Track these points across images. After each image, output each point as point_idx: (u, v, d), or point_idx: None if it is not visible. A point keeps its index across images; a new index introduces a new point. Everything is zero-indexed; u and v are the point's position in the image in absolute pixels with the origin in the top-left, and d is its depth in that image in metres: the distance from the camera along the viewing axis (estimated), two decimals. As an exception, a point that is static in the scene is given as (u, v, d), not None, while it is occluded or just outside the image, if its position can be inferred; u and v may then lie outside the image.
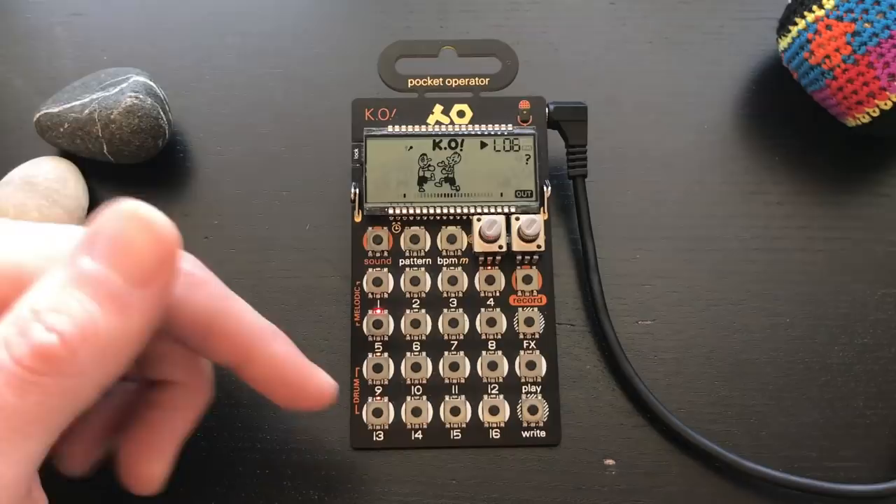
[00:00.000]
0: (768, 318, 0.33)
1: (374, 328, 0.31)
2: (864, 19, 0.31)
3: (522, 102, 0.33)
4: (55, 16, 0.38)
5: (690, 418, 0.31)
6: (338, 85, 0.37)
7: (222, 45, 0.38)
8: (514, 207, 0.32)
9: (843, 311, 0.33)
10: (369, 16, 0.39)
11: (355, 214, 0.32)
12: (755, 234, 0.34)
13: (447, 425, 0.31)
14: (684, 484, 0.30)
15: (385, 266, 0.32)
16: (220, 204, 0.35)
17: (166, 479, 0.26)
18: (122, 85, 0.33)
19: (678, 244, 0.34)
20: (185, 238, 0.34)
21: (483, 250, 0.31)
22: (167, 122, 0.34)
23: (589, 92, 0.36)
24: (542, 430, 0.31)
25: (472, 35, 0.38)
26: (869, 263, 0.34)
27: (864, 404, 0.32)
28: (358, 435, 0.31)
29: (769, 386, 0.32)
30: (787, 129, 0.36)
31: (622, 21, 0.39)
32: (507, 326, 0.32)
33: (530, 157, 0.32)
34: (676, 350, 0.32)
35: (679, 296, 0.33)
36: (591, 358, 0.32)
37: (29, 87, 0.37)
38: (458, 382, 0.31)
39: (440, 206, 0.32)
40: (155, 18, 0.38)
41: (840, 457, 0.31)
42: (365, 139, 0.32)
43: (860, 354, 0.32)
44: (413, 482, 0.30)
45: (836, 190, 0.35)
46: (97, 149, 0.33)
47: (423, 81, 0.33)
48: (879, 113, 0.32)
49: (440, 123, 0.33)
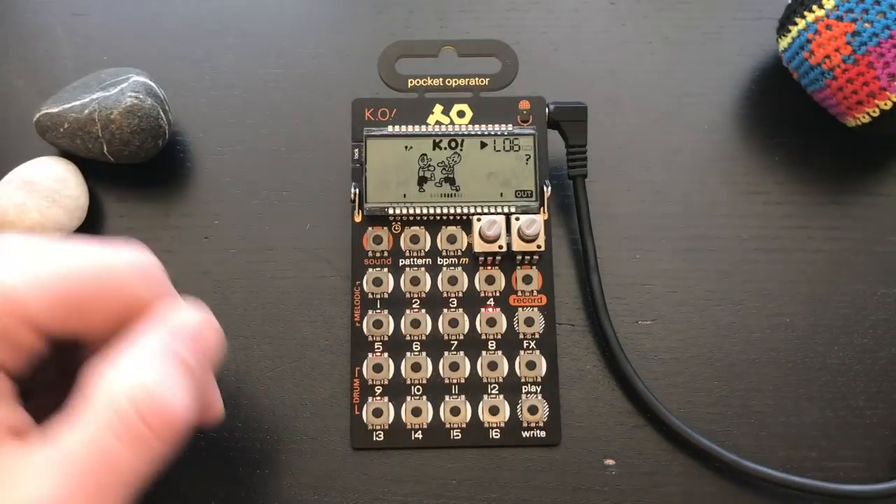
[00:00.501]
0: (768, 318, 0.33)
1: (374, 328, 0.31)
2: (864, 19, 0.31)
3: (522, 102, 0.33)
4: (55, 16, 0.38)
5: (690, 418, 0.31)
6: (338, 85, 0.37)
7: (222, 45, 0.38)
8: (514, 207, 0.32)
9: (843, 311, 0.33)
10: (369, 16, 0.39)
11: (355, 214, 0.32)
12: (755, 234, 0.34)
13: (447, 425, 0.31)
14: (684, 484, 0.30)
15: (385, 266, 0.32)
16: (220, 204, 0.35)
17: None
18: (122, 85, 0.33)
19: (678, 244, 0.34)
20: (185, 238, 0.34)
21: (483, 250, 0.31)
22: (167, 122, 0.34)
23: (589, 92, 0.37)
24: (542, 430, 0.31)
25: (472, 35, 0.38)
26: (869, 263, 0.34)
27: (864, 404, 0.32)
28: (358, 435, 0.31)
29: (769, 386, 0.32)
30: (787, 129, 0.36)
31: (622, 21, 0.39)
32: (507, 326, 0.32)
33: (530, 157, 0.32)
34: (676, 350, 0.32)
35: (679, 296, 0.33)
36: (591, 358, 0.32)
37: (29, 87, 0.37)
38: (458, 382, 0.31)
39: (440, 206, 0.32)
40: (155, 18, 0.38)
41: (840, 457, 0.31)
42: (365, 139, 0.32)
43: (860, 354, 0.32)
44: (413, 482, 0.30)
45: (836, 190, 0.35)
46: (97, 149, 0.33)
47: (423, 81, 0.33)
48: (879, 113, 0.32)
49: (440, 123, 0.33)
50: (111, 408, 0.20)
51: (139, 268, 0.23)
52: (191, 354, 0.23)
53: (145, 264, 0.24)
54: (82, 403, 0.21)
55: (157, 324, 0.23)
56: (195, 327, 0.24)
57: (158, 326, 0.23)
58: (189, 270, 0.33)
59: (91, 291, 0.22)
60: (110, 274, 0.22)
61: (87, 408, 0.20)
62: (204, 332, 0.24)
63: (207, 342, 0.24)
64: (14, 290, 0.20)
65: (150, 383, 0.21)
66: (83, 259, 0.22)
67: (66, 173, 0.33)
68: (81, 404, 0.21)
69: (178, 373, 0.22)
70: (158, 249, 0.33)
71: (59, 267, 0.22)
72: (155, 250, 0.33)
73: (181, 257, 0.34)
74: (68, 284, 0.21)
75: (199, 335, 0.23)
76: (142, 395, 0.20)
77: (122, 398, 0.20)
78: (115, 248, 0.23)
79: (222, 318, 0.32)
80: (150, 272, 0.24)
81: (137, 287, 0.23)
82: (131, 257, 0.23)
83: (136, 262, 0.23)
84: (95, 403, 0.20)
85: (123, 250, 0.23)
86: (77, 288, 0.22)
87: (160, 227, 0.34)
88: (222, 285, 0.33)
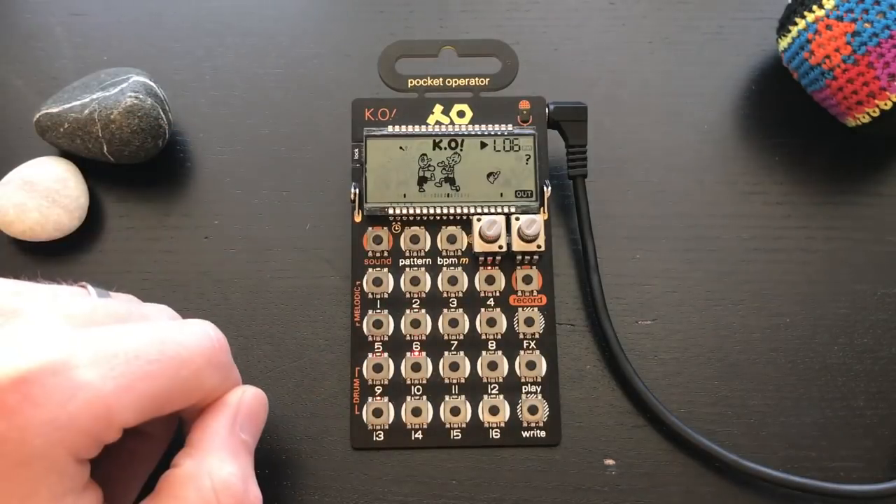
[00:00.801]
0: (768, 318, 0.33)
1: (374, 328, 0.31)
2: (864, 19, 0.31)
3: (522, 102, 0.33)
4: (55, 16, 0.38)
5: (690, 418, 0.31)
6: (338, 85, 0.37)
7: (222, 45, 0.38)
8: (514, 207, 0.32)
9: (843, 311, 0.33)
10: (369, 16, 0.39)
11: (355, 214, 0.32)
12: (755, 234, 0.34)
13: (447, 425, 0.31)
14: (684, 484, 0.30)
15: (385, 266, 0.32)
16: (220, 204, 0.35)
17: None
18: (122, 85, 0.33)
19: (678, 244, 0.34)
20: (185, 238, 0.34)
21: (483, 250, 0.31)
22: (167, 122, 0.34)
23: (589, 92, 0.37)
24: (542, 430, 0.31)
25: (472, 35, 0.38)
26: (869, 263, 0.34)
27: (864, 404, 0.32)
28: (358, 435, 0.31)
29: (769, 386, 0.32)
30: (787, 129, 0.36)
31: (622, 21, 0.39)
32: (507, 326, 0.32)
33: (530, 157, 0.32)
34: (676, 350, 0.32)
35: (679, 296, 0.33)
36: (591, 358, 0.32)
37: (29, 87, 0.37)
38: (458, 382, 0.31)
39: (440, 206, 0.32)
40: (155, 18, 0.38)
41: (840, 457, 0.31)
42: (365, 139, 0.32)
43: (860, 354, 0.32)
44: (413, 482, 0.30)
45: (836, 190, 0.35)
46: (97, 149, 0.33)
47: (423, 81, 0.33)
48: (879, 113, 0.32)
49: (440, 123, 0.33)
50: (200, 498, 0.23)
51: (214, 359, 0.24)
52: (249, 435, 0.25)
53: (217, 351, 0.25)
54: (169, 491, 0.23)
55: (224, 409, 0.25)
56: (251, 406, 0.26)
57: (225, 412, 0.25)
58: (189, 270, 0.33)
59: (174, 393, 0.23)
60: (190, 372, 0.23)
61: (175, 499, 0.23)
62: (259, 410, 0.26)
63: (260, 417, 0.26)
64: (107, 400, 0.21)
65: (232, 478, 0.23)
66: (168, 356, 0.23)
67: (66, 173, 0.33)
68: (169, 492, 0.23)
69: (248, 461, 0.25)
70: (158, 249, 0.34)
71: (148, 370, 0.22)
72: (155, 250, 0.34)
73: (181, 257, 0.34)
74: (155, 391, 0.22)
75: (255, 414, 0.26)
76: (223, 487, 0.23)
77: (210, 492, 0.23)
78: (192, 333, 0.24)
79: (222, 318, 0.32)
80: (221, 359, 0.25)
81: (212, 380, 0.25)
82: (207, 347, 0.24)
83: (211, 353, 0.24)
84: (185, 494, 0.23)
85: (200, 336, 0.24)
86: (163, 393, 0.23)
87: (160, 227, 0.34)
88: (222, 285, 0.33)
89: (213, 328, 0.25)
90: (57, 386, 0.20)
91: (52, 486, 0.20)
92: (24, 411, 0.20)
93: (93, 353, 0.21)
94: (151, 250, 0.34)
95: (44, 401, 0.20)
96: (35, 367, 0.20)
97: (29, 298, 0.23)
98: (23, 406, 0.20)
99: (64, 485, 0.21)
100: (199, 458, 0.24)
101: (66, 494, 0.21)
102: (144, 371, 0.22)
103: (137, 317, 0.25)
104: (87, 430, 0.21)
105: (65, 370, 0.20)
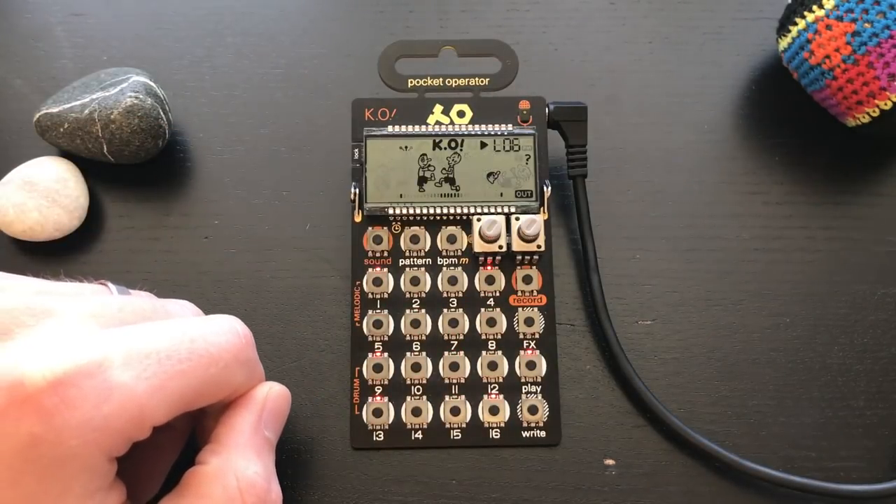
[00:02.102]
0: (768, 318, 0.33)
1: (374, 328, 0.31)
2: (864, 19, 0.31)
3: (522, 102, 0.33)
4: (55, 16, 0.38)
5: (690, 418, 0.31)
6: (338, 85, 0.37)
7: (222, 45, 0.38)
8: (514, 207, 0.32)
9: (843, 311, 0.33)
10: (369, 16, 0.39)
11: (355, 214, 0.32)
12: (755, 234, 0.34)
13: (447, 425, 0.31)
14: (684, 484, 0.30)
15: (385, 266, 0.32)
16: (220, 204, 0.35)
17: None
18: (122, 85, 0.33)
19: (678, 244, 0.34)
20: (185, 238, 0.34)
21: (483, 250, 0.31)
22: (167, 122, 0.34)
23: (589, 92, 0.37)
24: (542, 430, 0.31)
25: (472, 35, 0.38)
26: (869, 263, 0.34)
27: (864, 404, 0.32)
28: (358, 435, 0.31)
29: (769, 386, 0.32)
30: (787, 129, 0.36)
31: (622, 21, 0.39)
32: (507, 326, 0.32)
33: (530, 157, 0.32)
34: (676, 350, 0.32)
35: (679, 296, 0.33)
36: (591, 358, 0.32)
37: (29, 87, 0.37)
38: (458, 382, 0.31)
39: (440, 206, 0.32)
40: (155, 18, 0.38)
41: (840, 457, 0.31)
42: (365, 139, 0.32)
43: (860, 354, 0.32)
44: (413, 482, 0.30)
45: (836, 190, 0.35)
46: (97, 149, 0.33)
47: (423, 81, 0.33)
48: (879, 113, 0.32)
49: (440, 123, 0.33)
50: (225, 496, 0.23)
51: (241, 356, 0.25)
52: (273, 432, 0.26)
53: (244, 347, 0.25)
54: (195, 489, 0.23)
55: (250, 406, 0.25)
56: (276, 403, 0.26)
57: (251, 409, 0.25)
58: (189, 270, 0.33)
59: (204, 391, 0.24)
60: (219, 369, 0.24)
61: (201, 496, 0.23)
62: (283, 407, 0.27)
63: (284, 415, 0.27)
64: (140, 400, 0.21)
65: (258, 477, 0.24)
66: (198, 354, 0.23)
67: (66, 173, 0.33)
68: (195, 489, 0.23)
69: (271, 459, 0.25)
70: (158, 249, 0.34)
71: (179, 369, 0.22)
72: (155, 250, 0.34)
73: (181, 257, 0.34)
74: (185, 390, 0.22)
75: (279, 411, 0.26)
76: (248, 486, 0.23)
77: (235, 491, 0.23)
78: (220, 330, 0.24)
79: (222, 318, 0.32)
80: (248, 355, 0.25)
81: (240, 376, 0.25)
82: (235, 343, 0.24)
83: (239, 349, 0.24)
84: (210, 492, 0.23)
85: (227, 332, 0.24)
86: (193, 391, 0.23)
87: (160, 227, 0.34)
88: (222, 285, 0.33)
89: (240, 323, 0.25)
90: (93, 388, 0.20)
91: (84, 484, 0.21)
92: (61, 413, 0.20)
93: (125, 353, 0.21)
94: (151, 250, 0.34)
95: (80, 403, 0.20)
96: (71, 370, 0.20)
97: (56, 298, 0.23)
98: (60, 408, 0.20)
99: (95, 483, 0.21)
100: (225, 456, 0.24)
101: (97, 492, 0.21)
102: (176, 370, 0.22)
103: (163, 314, 0.25)
104: (120, 431, 0.21)
105: (100, 372, 0.21)
